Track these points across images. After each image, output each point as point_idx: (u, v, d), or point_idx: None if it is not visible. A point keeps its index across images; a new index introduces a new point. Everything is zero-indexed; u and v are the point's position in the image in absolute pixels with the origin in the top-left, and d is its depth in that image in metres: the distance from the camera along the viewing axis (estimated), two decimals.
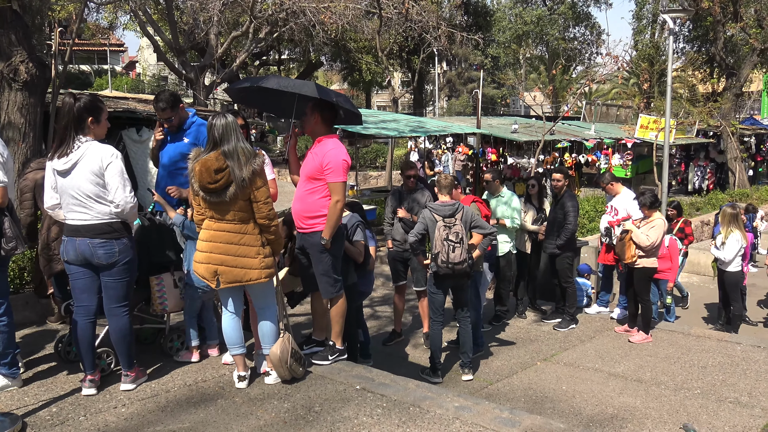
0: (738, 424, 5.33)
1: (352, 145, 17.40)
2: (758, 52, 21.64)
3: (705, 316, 10.10)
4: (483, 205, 7.39)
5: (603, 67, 26.90)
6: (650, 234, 7.25)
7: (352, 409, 4.27)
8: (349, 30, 18.48)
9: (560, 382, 6.32)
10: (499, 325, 8.19)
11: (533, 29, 36.94)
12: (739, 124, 24.40)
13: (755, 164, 26.41)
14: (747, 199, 18.01)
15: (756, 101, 36.01)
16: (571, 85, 36.64)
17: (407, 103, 42.68)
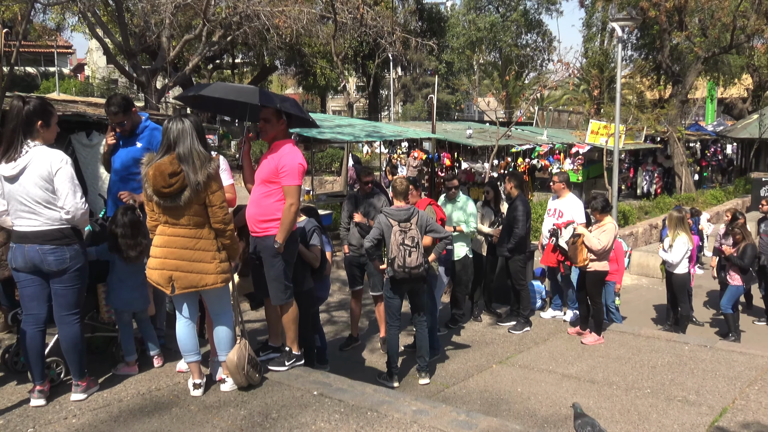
0: (686, 422, 5.48)
1: (307, 149, 17.35)
2: (702, 60, 22.35)
3: (654, 317, 10.37)
4: (438, 208, 7.44)
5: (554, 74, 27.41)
6: (602, 238, 7.38)
7: (309, 415, 4.25)
8: (303, 34, 18.41)
9: (515, 384, 6.40)
10: (455, 328, 8.25)
11: (486, 35, 37.41)
12: (684, 130, 25.17)
13: (700, 169, 27.28)
14: (693, 203, 18.58)
15: (701, 108, 37.21)
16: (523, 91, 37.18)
17: (362, 107, 42.74)
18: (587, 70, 26.93)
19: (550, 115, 24.40)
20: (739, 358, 7.05)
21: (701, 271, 12.69)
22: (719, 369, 6.72)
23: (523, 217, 7.94)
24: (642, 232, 15.44)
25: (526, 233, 8.06)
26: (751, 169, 26.30)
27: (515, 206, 8.02)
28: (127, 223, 4.88)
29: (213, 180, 4.25)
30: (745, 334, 9.12)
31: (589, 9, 29.51)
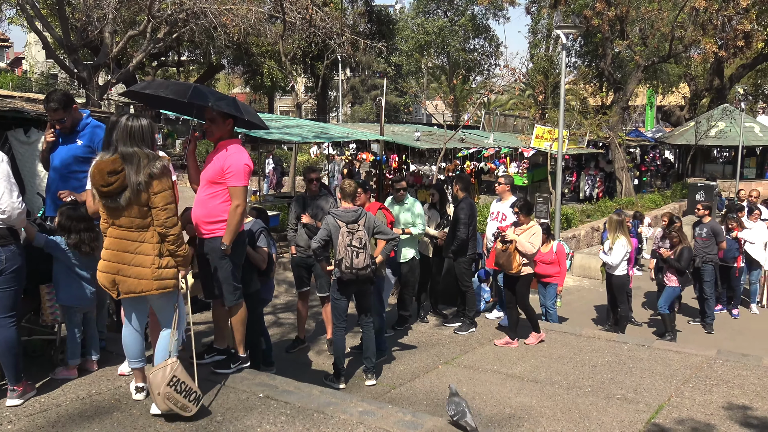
0: (625, 419, 5.65)
1: (254, 150, 17.17)
2: (642, 69, 23.05)
3: (595, 317, 10.64)
4: (388, 212, 7.48)
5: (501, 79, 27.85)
6: (533, 241, 7.43)
7: (255, 417, 4.21)
8: (251, 33, 18.23)
9: (461, 384, 6.47)
10: (402, 329, 8.30)
11: (435, 39, 37.76)
12: (625, 135, 25.92)
13: (640, 173, 28.11)
14: (633, 207, 19.12)
15: (641, 114, 38.37)
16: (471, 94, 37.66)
17: (311, 108, 42.58)
18: (533, 75, 27.44)
19: (497, 119, 24.78)
20: (675, 356, 7.30)
21: (640, 273, 13.08)
22: (656, 367, 6.95)
23: (467, 219, 8.02)
24: (584, 234, 15.82)
25: (471, 236, 8.16)
26: (688, 175, 27.26)
27: (461, 208, 8.11)
28: (81, 217, 4.77)
29: (156, 180, 4.07)
30: (681, 333, 9.45)
31: (535, 16, 30.15)
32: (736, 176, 23.63)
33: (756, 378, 6.65)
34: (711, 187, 20.69)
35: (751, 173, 27.08)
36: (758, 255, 10.57)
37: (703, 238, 9.91)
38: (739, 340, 9.21)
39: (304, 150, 26.42)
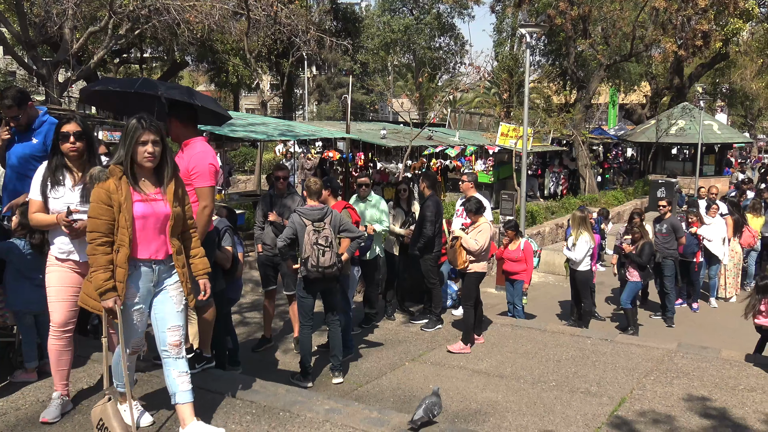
0: (588, 412, 5.74)
1: (219, 148, 17.00)
2: (605, 67, 23.39)
3: (559, 312, 10.77)
4: (353, 210, 7.47)
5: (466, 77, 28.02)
6: (478, 238, 7.43)
7: (220, 417, 4.18)
8: (215, 30, 18.03)
9: (427, 380, 6.50)
10: (369, 327, 8.30)
11: (401, 37, 37.83)
12: (588, 133, 26.28)
13: (603, 171, 28.54)
14: (596, 204, 19.41)
15: (604, 113, 38.93)
16: (437, 93, 37.82)
17: (276, 106, 42.30)
18: (498, 74, 27.67)
19: (462, 117, 24.93)
20: (637, 350, 7.44)
21: (603, 269, 13.28)
22: (619, 361, 7.07)
23: (433, 217, 8.06)
24: (549, 231, 16.00)
25: (437, 233, 8.19)
26: (649, 172, 27.76)
27: (427, 206, 8.14)
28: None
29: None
30: (643, 327, 9.62)
31: (499, 15, 30.39)
32: (696, 173, 24.14)
33: (715, 370, 6.80)
34: (671, 183, 21.09)
35: (710, 170, 27.69)
36: (717, 250, 10.81)
37: (664, 234, 10.09)
38: (699, 334, 9.41)
39: (270, 148, 26.25)
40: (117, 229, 3.64)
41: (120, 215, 3.63)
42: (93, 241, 3.60)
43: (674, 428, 5.41)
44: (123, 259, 3.64)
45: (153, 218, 3.73)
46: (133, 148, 3.67)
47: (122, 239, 3.64)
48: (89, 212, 3.65)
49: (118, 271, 3.64)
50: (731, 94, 41.23)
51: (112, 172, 3.66)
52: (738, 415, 5.69)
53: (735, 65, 37.16)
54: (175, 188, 3.84)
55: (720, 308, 11.01)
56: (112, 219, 3.62)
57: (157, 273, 3.81)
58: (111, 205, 3.60)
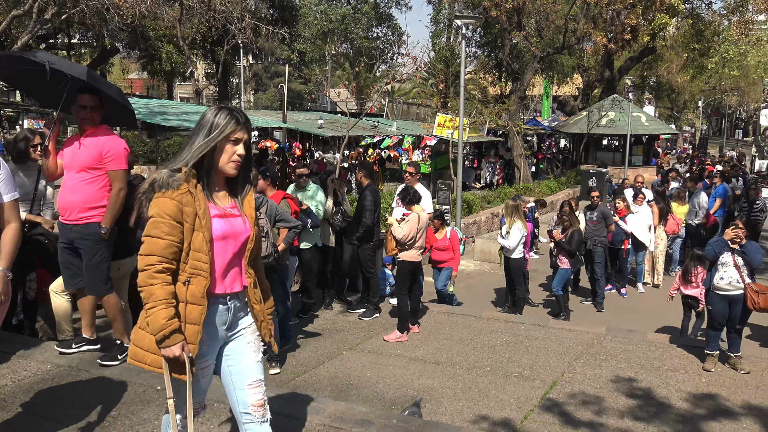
0: (521, 395, 5.89)
1: (151, 137, 16.60)
2: (538, 60, 23.86)
3: (494, 299, 10.98)
4: (293, 201, 7.42)
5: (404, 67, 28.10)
6: (404, 227, 7.50)
7: (152, 410, 4.11)
8: (147, 16, 17.55)
9: (365, 369, 6.54)
10: (307, 317, 8.28)
11: (338, 27, 37.59)
12: (523, 124, 26.77)
13: (537, 161, 29.19)
14: (531, 193, 19.83)
15: (538, 104, 39.75)
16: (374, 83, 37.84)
17: (212, 95, 41.48)
18: (434, 64, 27.86)
19: (400, 107, 25.04)
20: (568, 335, 7.67)
21: (537, 256, 13.60)
22: (551, 346, 7.27)
23: (371, 206, 8.09)
24: (485, 220, 16.26)
25: (375, 222, 8.23)
26: (581, 162, 28.52)
27: (365, 196, 8.16)
28: None
29: None
30: (574, 312, 9.90)
31: (436, 6, 30.52)
32: (625, 163, 24.95)
33: (641, 352, 7.08)
34: (602, 173, 21.75)
35: (639, 160, 28.67)
36: (643, 237, 11.21)
37: (594, 221, 10.40)
38: (627, 318, 9.75)
39: None
40: (187, 254, 2.78)
41: (194, 235, 2.77)
42: (149, 268, 2.69)
43: (602, 409, 5.61)
44: (200, 293, 2.78)
45: (232, 240, 2.90)
46: (219, 147, 2.80)
47: (197, 266, 2.78)
48: (147, 230, 2.74)
49: (190, 310, 2.77)
50: (658, 87, 42.76)
51: (184, 178, 2.76)
52: (662, 395, 5.95)
53: (662, 59, 38.53)
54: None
55: (647, 293, 11.43)
56: (181, 240, 2.75)
57: (232, 312, 2.96)
58: (181, 221, 2.74)
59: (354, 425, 3.94)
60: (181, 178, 2.73)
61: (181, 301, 2.74)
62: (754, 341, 8.49)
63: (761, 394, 6.04)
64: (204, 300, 2.78)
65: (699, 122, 60.16)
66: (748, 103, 56.65)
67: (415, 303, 7.96)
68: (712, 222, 12.89)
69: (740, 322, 6.79)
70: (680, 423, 5.38)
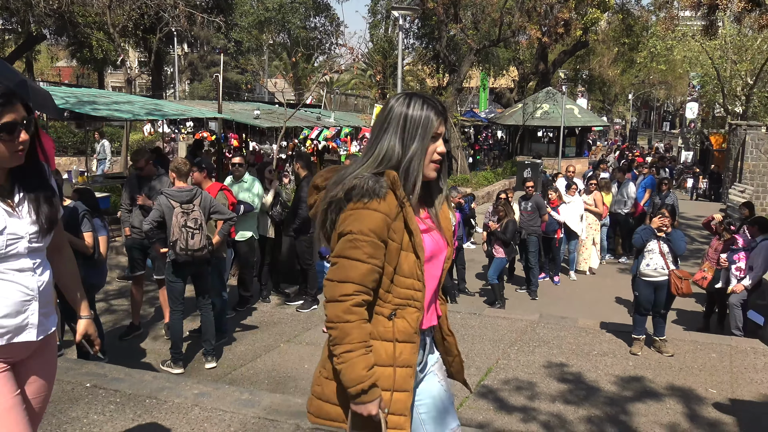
0: (457, 383, 5.97)
1: (80, 127, 16.07)
2: (475, 52, 24.13)
3: None
4: (230, 192, 7.33)
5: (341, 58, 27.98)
6: None
7: (81, 408, 4.00)
8: (75, 2, 16.95)
9: (303, 361, 6.53)
10: (244, 310, 8.21)
11: (275, 16, 37.19)
12: (460, 116, 27.09)
13: (474, 152, 29.57)
14: (468, 184, 20.10)
15: (475, 96, 40.25)
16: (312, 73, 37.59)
17: (145, 84, 40.41)
18: (372, 56, 27.87)
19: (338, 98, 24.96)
20: (503, 323, 7.83)
21: (473, 246, 13.80)
22: (486, 333, 7.41)
23: (308, 198, 8.05)
24: None
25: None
26: (517, 153, 29.06)
27: (302, 187, 8.12)
28: None
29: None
30: (509, 301, 10.11)
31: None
32: (559, 154, 25.54)
33: (572, 338, 7.30)
34: (537, 164, 22.21)
35: (572, 152, 29.40)
36: (575, 226, 11.52)
37: (529, 211, 10.62)
38: (560, 305, 10.02)
39: (138, 128, 25.12)
40: (390, 281, 2.20)
41: (403, 256, 2.19)
42: (346, 300, 2.11)
43: (535, 394, 5.76)
44: (413, 328, 2.22)
45: (436, 260, 2.34)
46: (425, 147, 2.22)
47: (408, 295, 2.21)
48: (342, 249, 2.14)
49: (400, 350, 2.20)
50: (590, 80, 43.88)
51: (391, 183, 2.17)
52: (592, 378, 6.15)
53: (594, 53, 39.55)
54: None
55: (579, 281, 11.76)
56: (383, 264, 2.17)
57: (428, 347, 2.43)
58: (386, 240, 2.15)
59: (290, 417, 3.93)
60: (388, 184, 2.15)
61: (385, 340, 2.18)
62: (678, 325, 8.87)
63: (684, 376, 6.31)
64: (417, 337, 2.24)
65: (629, 115, 62.11)
66: (675, 96, 58.75)
67: None
68: (641, 211, 13.33)
69: (665, 307, 7.08)
70: (609, 405, 5.57)
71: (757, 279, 8.14)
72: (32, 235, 2.34)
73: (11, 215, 2.30)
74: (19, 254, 2.31)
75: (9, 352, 2.32)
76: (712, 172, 26.97)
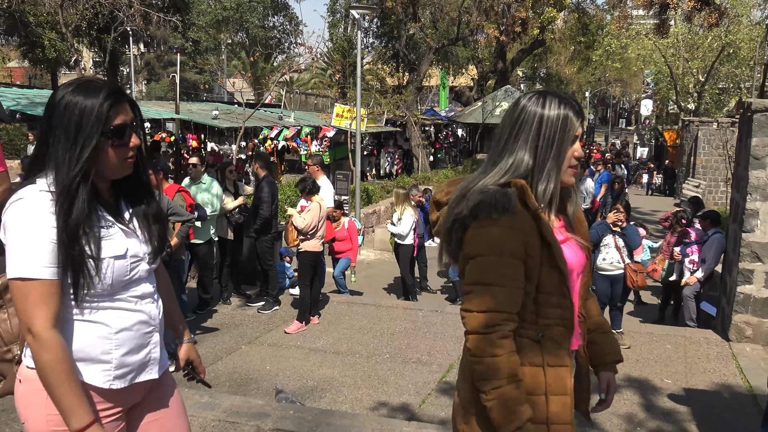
0: (419, 380, 6.02)
1: (33, 129, 15.69)
2: (434, 51, 24.27)
3: (394, 288, 11.14)
4: (187, 194, 7.24)
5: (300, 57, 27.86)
6: (305, 217, 7.48)
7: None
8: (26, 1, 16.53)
9: (264, 362, 6.50)
10: (204, 313, 8.12)
11: (233, 15, 36.80)
12: (421, 114, 27.19)
13: (435, 151, 29.73)
14: (429, 182, 20.18)
15: (435, 95, 40.44)
16: (271, 73, 37.31)
17: None
18: (332, 55, 27.81)
19: (298, 98, 24.84)
20: None
21: (435, 244, 13.87)
22: (448, 331, 7.46)
23: (268, 198, 8.01)
24: (384, 210, 16.43)
25: (273, 214, 8.16)
26: (477, 151, 29.29)
27: (261, 187, 8.08)
28: None
29: None
30: None
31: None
32: None
33: None
34: None
35: None
36: None
37: None
38: None
39: None
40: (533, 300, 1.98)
41: (545, 272, 1.97)
42: (490, 331, 1.88)
43: None
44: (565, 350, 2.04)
45: (575, 273, 2.12)
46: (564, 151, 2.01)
47: (556, 315, 2.01)
48: (477, 275, 1.94)
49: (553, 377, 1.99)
50: (548, 78, 44.38)
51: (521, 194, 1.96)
52: None
53: (551, 51, 40.02)
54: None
55: None
56: (523, 283, 1.94)
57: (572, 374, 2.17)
58: (524, 258, 1.93)
59: (250, 418, 3.91)
60: (517, 195, 1.94)
61: (534, 365, 1.96)
62: (635, 318, 9.06)
63: (640, 367, 6.45)
64: (571, 360, 2.04)
65: (586, 112, 63.14)
66: (630, 93, 59.89)
67: (315, 294, 7.97)
68: (598, 206, 13.59)
69: (621, 300, 7.23)
70: None
71: (709, 271, 8.37)
72: (148, 255, 2.06)
73: (129, 235, 2.00)
74: (141, 278, 2.03)
75: (127, 395, 2.02)
76: (666, 167, 27.60)
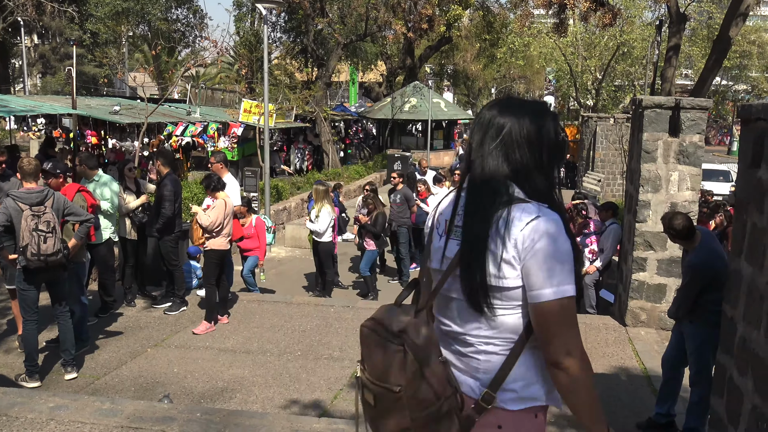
0: (331, 376, 6.02)
1: None
2: (342, 46, 24.24)
3: (305, 284, 11.08)
4: (89, 194, 6.92)
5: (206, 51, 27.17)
6: (210, 215, 7.32)
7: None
8: None
9: (172, 365, 6.32)
10: (107, 316, 7.79)
11: (134, 7, 35.47)
12: (330, 110, 27.11)
13: (345, 146, 29.75)
14: (339, 178, 20.18)
15: (345, 90, 40.41)
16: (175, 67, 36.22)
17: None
18: (239, 49, 27.27)
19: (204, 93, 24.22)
20: None
21: (346, 239, 13.89)
22: (359, 326, 7.48)
23: (171, 196, 7.77)
24: (294, 206, 16.30)
25: (176, 213, 7.92)
26: (387, 147, 29.52)
27: (164, 185, 7.83)
28: None
29: None
30: (382, 292, 10.27)
31: None
32: (428, 147, 26.18)
33: None
34: (406, 157, 22.66)
35: (440, 144, 30.22)
36: None
37: (398, 203, 10.83)
38: None
39: None
40: None
41: None
42: None
43: None
44: None
45: None
46: None
47: None
48: None
49: None
50: (455, 74, 45.21)
51: None
52: None
53: (458, 48, 40.76)
54: None
55: None
56: None
57: None
58: None
59: (155, 423, 3.79)
60: None
61: None
62: None
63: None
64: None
65: None
66: (534, 90, 61.83)
67: (223, 293, 7.81)
68: None
69: None
70: None
71: (607, 260, 8.77)
72: None
73: None
74: None
75: None
76: (567, 161, 28.71)
